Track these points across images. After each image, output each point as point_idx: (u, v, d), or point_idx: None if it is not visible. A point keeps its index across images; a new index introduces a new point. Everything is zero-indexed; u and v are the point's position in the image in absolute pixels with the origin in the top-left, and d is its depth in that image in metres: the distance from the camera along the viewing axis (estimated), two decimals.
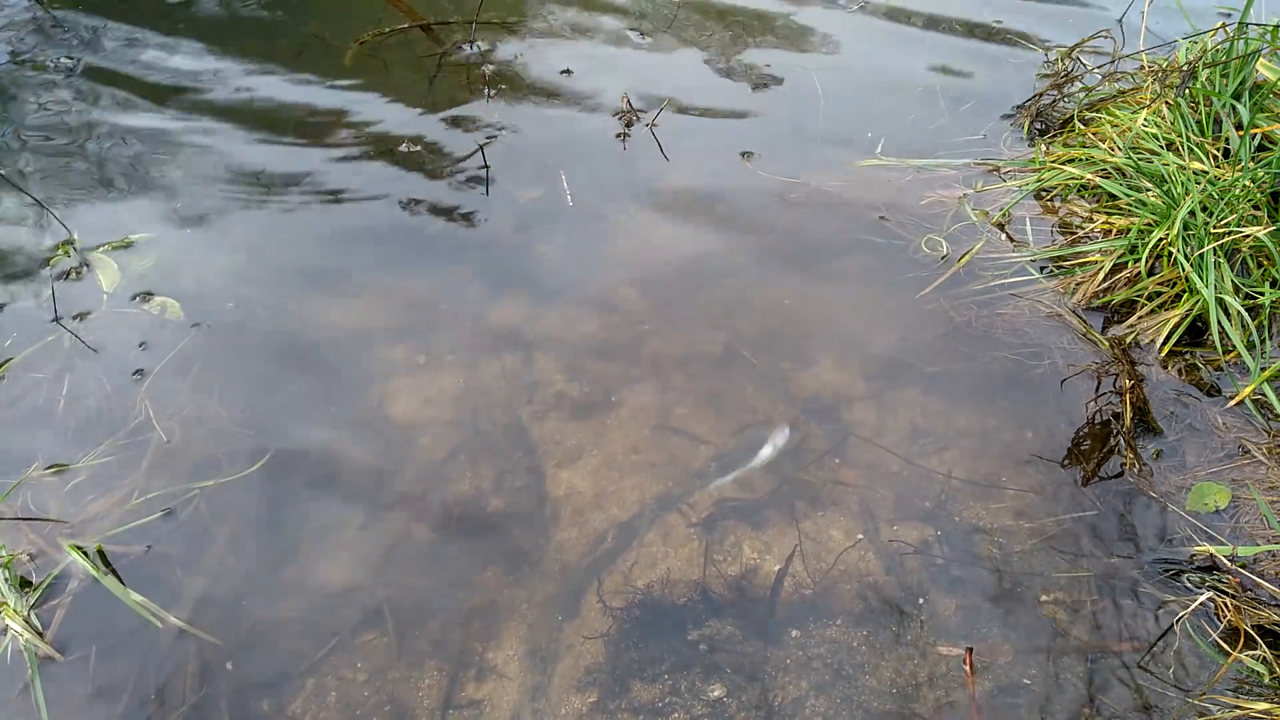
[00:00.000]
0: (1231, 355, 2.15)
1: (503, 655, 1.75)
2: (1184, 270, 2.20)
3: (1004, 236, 2.57)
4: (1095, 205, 2.57)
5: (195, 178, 2.83)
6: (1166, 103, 2.60)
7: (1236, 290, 2.18)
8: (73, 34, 3.48)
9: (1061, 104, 2.98)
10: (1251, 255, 2.25)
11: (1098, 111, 2.81)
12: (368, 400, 2.19)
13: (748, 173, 2.84)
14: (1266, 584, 1.75)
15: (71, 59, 3.34)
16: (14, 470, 2.02)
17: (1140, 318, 2.28)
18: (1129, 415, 2.07)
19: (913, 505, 1.97)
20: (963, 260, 2.48)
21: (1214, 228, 2.21)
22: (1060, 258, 2.47)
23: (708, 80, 3.25)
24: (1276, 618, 1.70)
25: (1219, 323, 2.13)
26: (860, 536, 1.92)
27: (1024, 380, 2.19)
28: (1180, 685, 1.65)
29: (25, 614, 1.77)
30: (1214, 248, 2.18)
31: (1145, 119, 2.57)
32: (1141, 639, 1.72)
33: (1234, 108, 2.47)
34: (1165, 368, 2.18)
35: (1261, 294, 2.18)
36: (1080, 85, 3.02)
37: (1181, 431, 2.06)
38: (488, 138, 2.99)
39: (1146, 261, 2.27)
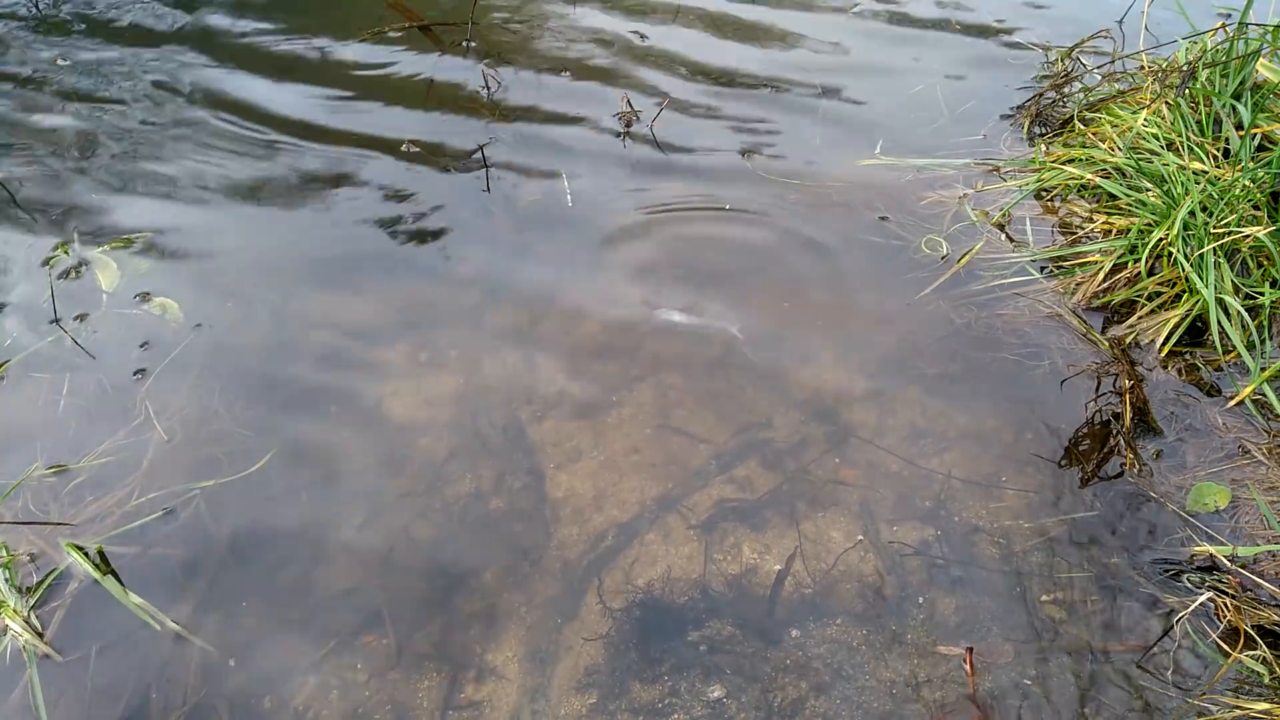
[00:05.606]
0: (1231, 355, 2.15)
1: (502, 656, 1.75)
2: (1184, 270, 2.20)
3: (1004, 236, 2.56)
4: (1095, 205, 2.57)
5: (195, 179, 2.83)
6: (1166, 103, 2.60)
7: (1236, 290, 2.18)
8: (68, 39, 3.48)
9: (1061, 104, 2.98)
10: (1251, 255, 2.25)
11: (1098, 111, 2.81)
12: (368, 400, 2.19)
13: (748, 172, 2.84)
14: (1266, 584, 1.75)
15: (66, 60, 3.34)
16: (14, 471, 2.02)
17: (1140, 318, 2.27)
18: (1129, 415, 2.07)
19: (913, 505, 1.97)
20: (963, 260, 2.48)
21: (1214, 228, 2.21)
22: (1060, 258, 2.47)
23: (707, 80, 3.25)
24: (1276, 618, 1.70)
25: (1219, 323, 2.13)
26: (860, 537, 1.91)
27: (1024, 380, 2.19)
28: (1180, 685, 1.65)
29: (25, 614, 1.77)
30: (1214, 248, 2.18)
31: (1145, 119, 2.57)
32: (1141, 639, 1.72)
33: (1234, 108, 2.47)
34: (1165, 368, 2.18)
35: (1261, 294, 2.18)
36: (1080, 85, 3.02)
37: (1181, 431, 2.05)
38: (488, 138, 2.99)
39: (1146, 261, 2.27)
